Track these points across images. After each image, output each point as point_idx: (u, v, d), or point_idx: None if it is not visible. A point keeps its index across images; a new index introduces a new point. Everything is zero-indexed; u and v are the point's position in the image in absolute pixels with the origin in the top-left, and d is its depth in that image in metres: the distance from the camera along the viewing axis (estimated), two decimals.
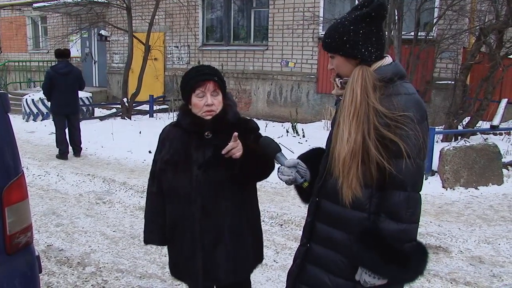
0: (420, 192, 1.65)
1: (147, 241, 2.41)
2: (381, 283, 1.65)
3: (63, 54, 7.68)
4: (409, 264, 1.63)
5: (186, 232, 2.17)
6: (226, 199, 2.15)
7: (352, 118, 1.61)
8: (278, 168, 1.87)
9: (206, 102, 2.09)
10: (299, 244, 1.98)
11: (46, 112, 11.20)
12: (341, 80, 1.75)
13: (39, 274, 2.10)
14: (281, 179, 1.85)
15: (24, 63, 16.71)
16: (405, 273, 1.65)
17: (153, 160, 2.35)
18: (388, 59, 1.70)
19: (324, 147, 1.87)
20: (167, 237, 2.29)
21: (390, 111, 1.58)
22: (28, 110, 11.44)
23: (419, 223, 1.67)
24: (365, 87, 1.62)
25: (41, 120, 11.22)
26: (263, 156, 1.98)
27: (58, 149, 7.80)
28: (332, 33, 1.70)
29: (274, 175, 2.08)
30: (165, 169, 2.21)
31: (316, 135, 8.46)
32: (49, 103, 8.08)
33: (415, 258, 1.65)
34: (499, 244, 4.40)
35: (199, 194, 2.12)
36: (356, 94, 1.61)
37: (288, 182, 1.85)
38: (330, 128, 1.83)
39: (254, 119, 2.39)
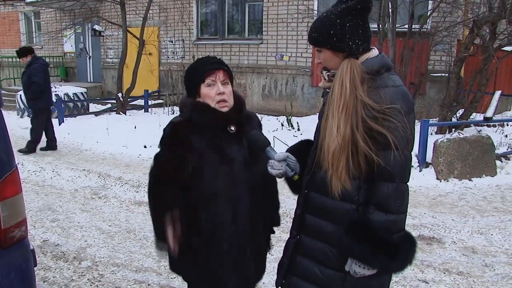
0: (407, 183, 1.67)
1: (161, 249, 2.11)
2: (370, 273, 1.67)
3: (32, 50, 7.66)
4: (398, 254, 1.65)
5: (230, 236, 2.01)
6: (264, 194, 2.10)
7: (341, 111, 1.62)
8: (268, 162, 1.85)
9: (218, 91, 1.97)
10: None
11: None
12: (328, 73, 1.75)
13: (34, 268, 2.11)
14: (271, 173, 1.84)
15: (17, 59, 16.59)
16: (394, 263, 1.67)
17: (163, 162, 2.04)
18: (374, 52, 1.71)
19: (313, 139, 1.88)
20: (197, 246, 2.04)
21: (377, 103, 1.59)
22: (22, 106, 11.39)
23: (413, 214, 1.69)
24: (354, 79, 1.62)
25: None
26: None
27: (34, 143, 7.77)
28: (319, 27, 1.70)
29: None
30: (197, 172, 1.98)
31: (311, 128, 8.37)
32: (28, 99, 7.72)
33: (404, 248, 1.67)
34: (491, 235, 4.45)
35: (246, 194, 2.00)
36: (345, 87, 1.62)
37: (278, 176, 1.85)
38: (318, 121, 1.84)
39: None
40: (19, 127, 10.27)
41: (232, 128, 2.02)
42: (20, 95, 11.42)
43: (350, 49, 1.66)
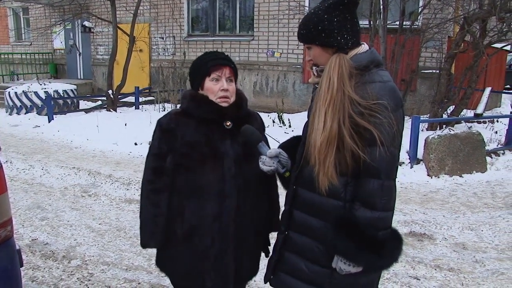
0: (394, 180, 1.65)
1: (146, 245, 2.09)
2: (356, 270, 1.66)
3: None
4: (384, 252, 1.64)
5: (213, 232, 1.98)
6: (256, 194, 2.06)
7: (328, 106, 1.61)
8: (259, 158, 1.85)
9: (222, 87, 1.97)
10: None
11: (30, 105, 11.05)
12: (318, 68, 1.74)
13: (21, 268, 2.07)
14: (262, 169, 1.84)
15: (6, 56, 16.43)
16: (380, 261, 1.66)
17: (155, 154, 2.04)
18: (364, 47, 1.70)
19: None
20: (180, 239, 2.04)
21: (364, 99, 1.58)
22: (11, 103, 11.26)
23: (405, 211, 1.68)
24: (342, 75, 1.61)
25: (25, 113, 11.05)
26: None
27: None
28: (307, 24, 1.70)
29: None
30: (187, 164, 1.98)
31: (302, 125, 8.42)
32: None
33: (390, 245, 1.66)
34: (482, 231, 4.47)
35: (234, 191, 1.96)
36: (333, 82, 1.61)
37: (269, 172, 1.85)
38: (307, 117, 1.82)
39: None
40: (7, 124, 10.17)
41: (228, 123, 2.00)
42: (9, 92, 11.30)
43: (339, 44, 1.65)
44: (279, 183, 2.04)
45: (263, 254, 2.26)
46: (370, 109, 1.57)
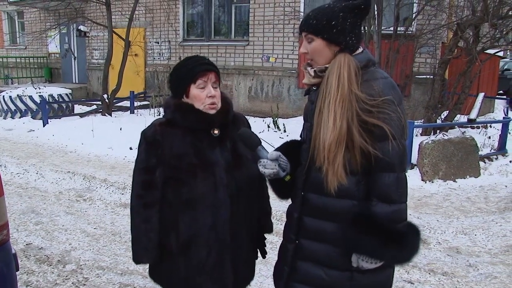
0: (406, 172, 1.67)
1: (140, 261, 2.06)
2: (377, 265, 1.67)
3: None
4: (406, 244, 1.65)
5: (209, 243, 1.94)
6: (249, 199, 2.02)
7: (338, 104, 1.61)
8: (259, 161, 1.80)
9: (209, 93, 1.91)
10: (282, 239, 1.95)
11: (25, 109, 11.02)
12: (315, 69, 1.73)
13: (16, 272, 2.07)
14: (264, 172, 1.79)
15: (1, 59, 16.38)
16: (402, 253, 1.66)
17: (143, 168, 1.97)
18: (359, 49, 1.73)
19: (299, 140, 1.87)
20: (176, 252, 1.99)
21: (371, 96, 1.61)
22: (5, 107, 11.22)
23: None
24: (350, 73, 1.63)
25: (19, 118, 11.00)
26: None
27: None
28: (319, 15, 1.68)
29: None
30: (177, 176, 1.92)
31: (297, 129, 8.40)
32: None
33: (410, 237, 1.67)
34: (475, 235, 4.51)
35: (227, 199, 1.92)
36: (343, 80, 1.62)
37: (271, 176, 1.81)
38: (304, 121, 1.83)
39: None
40: (2, 128, 10.13)
41: (216, 132, 1.96)
42: (3, 96, 11.26)
43: (346, 44, 1.67)
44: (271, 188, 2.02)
45: (259, 258, 2.25)
46: (378, 106, 1.60)
